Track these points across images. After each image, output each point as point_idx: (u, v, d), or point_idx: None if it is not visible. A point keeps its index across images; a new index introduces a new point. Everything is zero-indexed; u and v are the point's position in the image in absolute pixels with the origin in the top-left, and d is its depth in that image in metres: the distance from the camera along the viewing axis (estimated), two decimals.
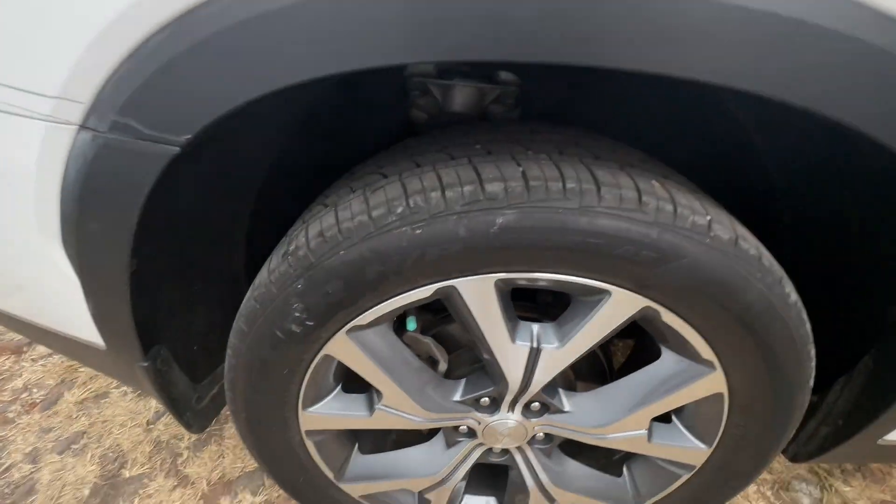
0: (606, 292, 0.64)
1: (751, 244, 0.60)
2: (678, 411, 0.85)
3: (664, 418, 0.86)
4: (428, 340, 0.84)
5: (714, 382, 0.73)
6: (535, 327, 0.72)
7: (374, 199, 0.59)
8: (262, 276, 0.67)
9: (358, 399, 0.84)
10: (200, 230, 0.79)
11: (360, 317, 0.67)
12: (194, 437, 1.39)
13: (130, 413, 1.46)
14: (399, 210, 0.57)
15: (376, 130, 1.08)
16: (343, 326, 0.68)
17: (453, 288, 0.63)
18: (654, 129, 0.88)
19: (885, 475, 1.44)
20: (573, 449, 1.07)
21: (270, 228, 0.82)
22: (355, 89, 1.00)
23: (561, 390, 0.85)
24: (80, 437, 1.39)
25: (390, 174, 0.63)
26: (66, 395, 1.51)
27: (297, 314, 0.64)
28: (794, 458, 1.00)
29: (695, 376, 0.74)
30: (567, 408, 0.83)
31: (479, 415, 0.84)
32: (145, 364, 0.74)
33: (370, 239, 0.58)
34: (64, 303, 0.70)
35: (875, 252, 0.79)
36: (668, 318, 0.66)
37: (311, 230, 0.63)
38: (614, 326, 0.67)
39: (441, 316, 0.89)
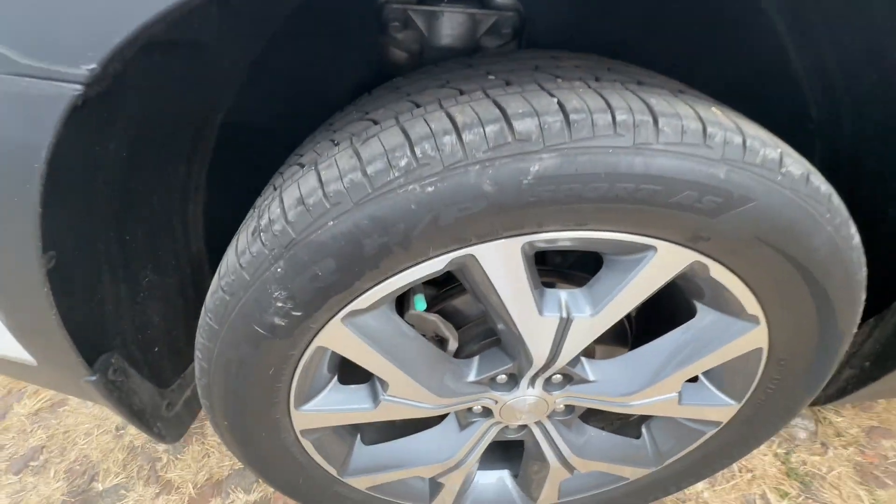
0: (651, 248, 0.54)
1: (820, 180, 0.50)
2: (706, 371, 0.79)
3: (690, 378, 0.81)
4: (434, 318, 0.73)
5: (755, 338, 0.67)
6: (564, 295, 0.62)
7: (366, 152, 0.46)
8: (230, 259, 0.53)
9: (359, 391, 0.73)
10: (141, 206, 0.63)
11: (358, 300, 0.55)
12: None
13: (95, 419, 1.31)
14: (403, 163, 0.44)
15: (347, 77, 0.91)
16: (337, 314, 0.56)
17: (471, 257, 0.52)
18: (679, 54, 0.77)
19: (873, 404, 1.49)
20: (585, 414, 1.02)
21: (234, 200, 0.67)
22: (318, 28, 0.83)
23: (584, 359, 0.77)
24: (39, 452, 1.23)
25: (383, 119, 0.49)
26: (15, 408, 1.34)
27: (279, 304, 0.51)
28: (813, 402, 0.98)
29: (735, 333, 0.67)
30: (592, 377, 0.75)
31: (495, 394, 0.76)
32: (93, 378, 0.60)
33: (367, 203, 0.45)
34: None
35: None
36: (717, 272, 0.57)
37: (288, 198, 0.49)
38: (656, 287, 0.58)
39: (446, 289, 0.78)
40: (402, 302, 0.76)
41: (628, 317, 0.85)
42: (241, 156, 0.78)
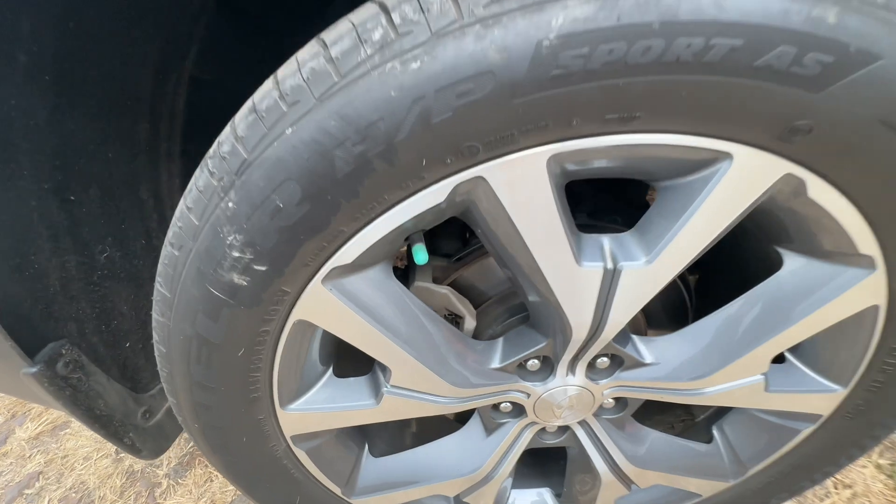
0: (723, 158, 0.40)
1: None
2: (795, 345, 0.62)
3: (775, 358, 0.64)
4: (446, 291, 0.60)
5: (869, 291, 0.50)
6: (606, 240, 0.48)
7: (331, 34, 0.35)
8: (179, 205, 0.43)
9: (357, 384, 0.60)
10: (83, 160, 0.54)
11: (341, 252, 0.43)
12: (174, 461, 1.15)
13: (96, 443, 1.22)
14: (377, 35, 0.33)
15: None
16: (316, 272, 0.44)
17: (481, 182, 0.39)
18: None
19: None
20: (639, 415, 0.85)
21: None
22: None
23: (634, 336, 0.61)
24: (35, 478, 1.14)
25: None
26: (17, 432, 1.27)
27: (235, 254, 0.40)
28: None
29: (840, 286, 0.50)
30: (648, 358, 0.60)
31: (526, 384, 0.61)
32: (32, 370, 0.50)
33: (333, 96, 0.34)
34: None
35: None
36: (817, 191, 0.42)
37: (241, 111, 0.38)
38: (729, 220, 0.44)
39: (457, 258, 0.65)
40: (406, 276, 0.63)
41: (686, 283, 0.69)
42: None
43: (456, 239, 0.68)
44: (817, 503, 1.02)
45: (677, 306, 0.69)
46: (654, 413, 0.90)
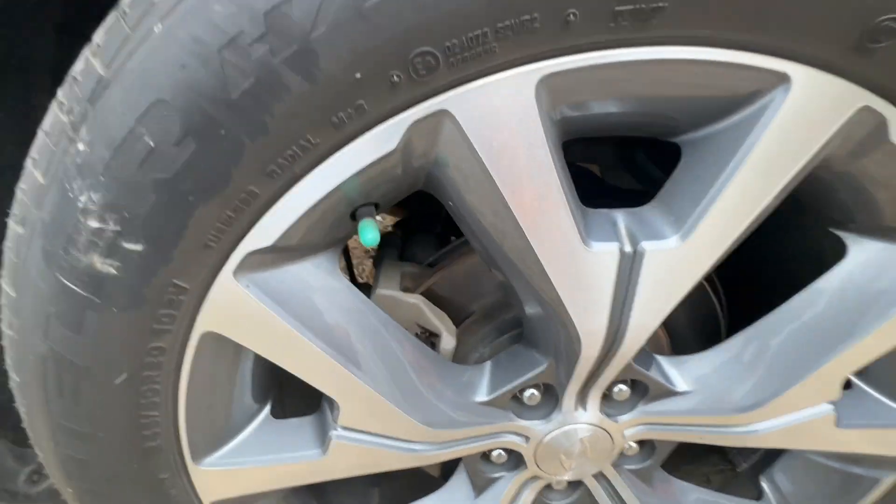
0: (779, 82, 0.29)
1: None
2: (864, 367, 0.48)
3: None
4: (416, 300, 0.47)
5: None
6: (621, 216, 0.36)
7: None
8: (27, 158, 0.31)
9: (300, 427, 0.45)
10: None
11: (256, 227, 0.31)
12: None
13: None
14: None
15: None
16: (224, 258, 0.31)
17: (447, 119, 0.28)
18: None
19: None
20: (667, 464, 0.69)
21: None
22: None
23: (659, 357, 0.48)
24: None
25: None
26: None
27: (92, 223, 0.28)
28: None
29: None
30: (681, 385, 0.46)
31: (524, 423, 0.46)
32: None
33: None
34: None
35: None
36: None
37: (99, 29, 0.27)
38: (792, 174, 0.32)
39: (432, 260, 0.53)
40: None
41: (714, 287, 0.56)
42: None
43: (433, 239, 0.56)
44: None
45: (706, 318, 0.56)
46: (681, 462, 0.74)
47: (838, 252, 0.41)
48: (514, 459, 0.51)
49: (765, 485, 0.61)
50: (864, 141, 0.32)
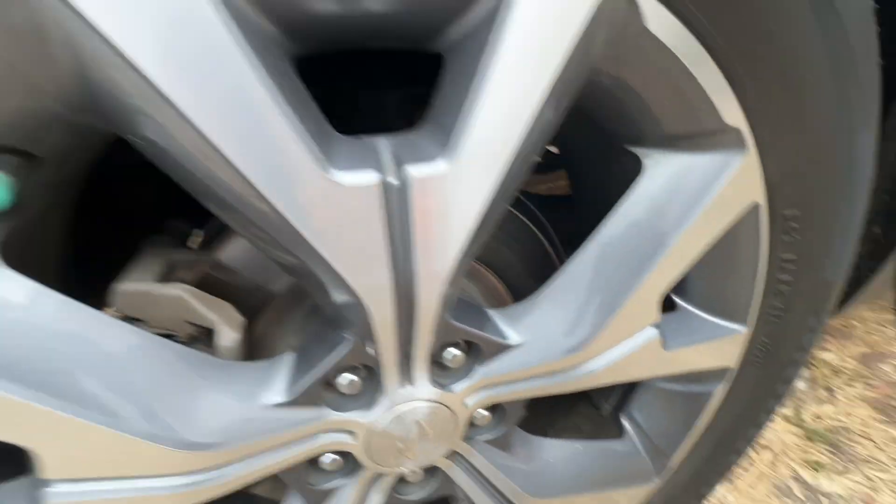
0: None
1: None
2: (681, 286, 0.49)
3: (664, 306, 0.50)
4: (177, 292, 0.36)
5: (744, 182, 0.39)
6: (384, 141, 0.29)
7: None
8: None
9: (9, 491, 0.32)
10: None
11: None
12: None
13: None
14: None
15: None
16: None
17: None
18: None
19: (848, 329, 1.31)
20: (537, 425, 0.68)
21: None
22: None
23: (491, 312, 0.43)
24: None
25: None
26: None
27: None
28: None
29: (710, 182, 0.38)
30: (513, 337, 0.42)
31: (344, 416, 0.39)
32: None
33: None
34: None
35: None
36: (659, 22, 0.29)
37: None
38: (552, 72, 0.28)
39: (206, 238, 0.42)
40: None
41: (544, 229, 0.54)
42: None
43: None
44: (745, 475, 0.92)
45: (544, 264, 0.54)
46: (558, 419, 0.73)
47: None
48: (352, 461, 0.44)
49: (625, 422, 0.61)
50: (622, 34, 0.29)
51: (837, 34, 0.32)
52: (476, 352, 0.42)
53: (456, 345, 0.41)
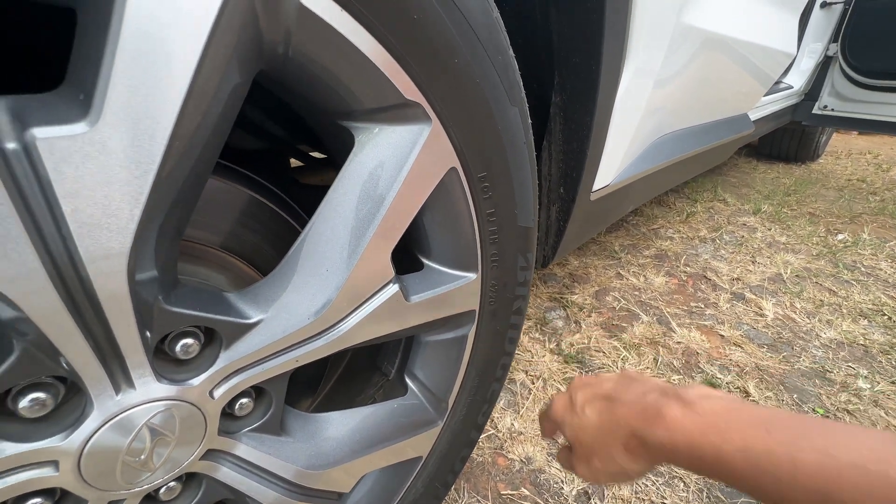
0: None
1: None
2: (424, 246, 0.57)
3: (411, 268, 0.58)
4: None
5: (437, 149, 0.47)
6: (4, 101, 0.25)
7: None
8: None
9: None
10: None
11: None
12: None
13: None
14: None
15: None
16: None
17: None
18: None
19: (587, 275, 1.71)
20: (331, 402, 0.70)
21: None
22: None
23: (229, 295, 0.42)
24: None
25: None
26: None
27: None
28: (545, 263, 0.93)
29: (408, 150, 0.45)
30: (253, 315, 0.41)
31: (33, 446, 0.32)
32: None
33: None
34: None
35: None
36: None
37: None
38: (204, 37, 0.29)
39: None
40: None
41: (289, 207, 0.55)
42: None
43: None
44: (525, 401, 1.13)
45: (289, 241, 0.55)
46: (355, 396, 0.76)
47: None
48: (71, 498, 0.37)
49: (408, 381, 0.67)
50: (280, 7, 0.32)
51: (463, 27, 0.41)
52: (216, 338, 0.41)
53: (189, 334, 0.39)
